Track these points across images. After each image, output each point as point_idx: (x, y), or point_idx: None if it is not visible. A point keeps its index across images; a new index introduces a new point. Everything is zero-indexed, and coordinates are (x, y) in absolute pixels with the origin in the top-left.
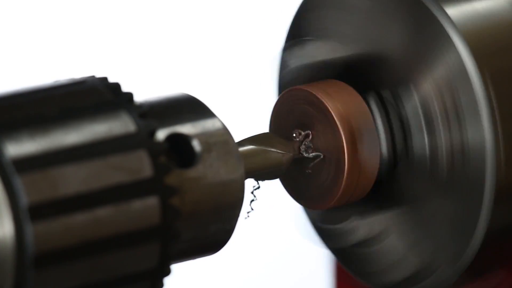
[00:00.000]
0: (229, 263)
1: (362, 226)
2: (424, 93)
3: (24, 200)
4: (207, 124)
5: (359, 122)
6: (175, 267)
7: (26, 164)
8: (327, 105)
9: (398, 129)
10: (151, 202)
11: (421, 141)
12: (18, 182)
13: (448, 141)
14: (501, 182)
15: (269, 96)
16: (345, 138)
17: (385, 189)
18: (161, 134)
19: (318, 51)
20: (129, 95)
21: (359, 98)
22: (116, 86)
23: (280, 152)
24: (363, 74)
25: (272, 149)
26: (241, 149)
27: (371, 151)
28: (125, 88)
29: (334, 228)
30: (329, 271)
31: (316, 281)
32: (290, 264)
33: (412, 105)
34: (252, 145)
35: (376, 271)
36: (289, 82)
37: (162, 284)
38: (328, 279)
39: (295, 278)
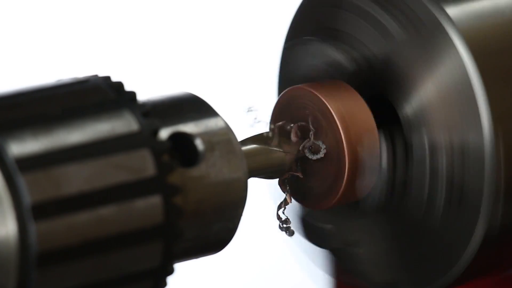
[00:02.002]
0: (229, 263)
1: (363, 225)
2: (424, 92)
3: (27, 199)
4: (210, 123)
5: (359, 123)
6: (178, 266)
7: (29, 163)
8: (328, 105)
9: (397, 127)
10: (154, 201)
11: (420, 140)
12: (21, 181)
13: (447, 139)
14: (500, 181)
15: (270, 95)
16: (345, 138)
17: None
18: (164, 133)
19: (319, 51)
20: (132, 94)
21: (359, 98)
22: (119, 85)
23: (283, 152)
24: (363, 74)
25: (275, 148)
26: (243, 148)
27: (371, 152)
28: (128, 87)
29: (335, 228)
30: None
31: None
32: (290, 264)
33: (411, 104)
34: (255, 144)
35: (376, 271)
36: (290, 81)
37: (165, 283)
38: (328, 279)
39: (295, 278)
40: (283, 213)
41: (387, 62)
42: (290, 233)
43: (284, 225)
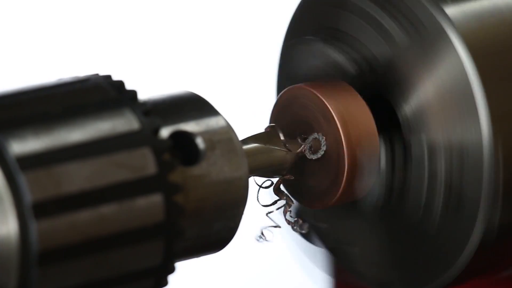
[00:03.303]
0: (228, 262)
1: (363, 225)
2: (422, 91)
3: (28, 197)
4: (211, 122)
5: (359, 123)
6: (178, 265)
7: (30, 161)
8: (328, 105)
9: (396, 127)
10: (155, 199)
11: (419, 139)
12: (22, 180)
13: (446, 138)
14: (499, 180)
15: (270, 94)
16: (344, 138)
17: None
18: (165, 132)
19: (319, 51)
20: (133, 93)
21: (359, 98)
22: (120, 84)
23: (284, 150)
24: (362, 74)
25: (276, 147)
26: (244, 147)
27: (371, 153)
28: (128, 86)
29: (334, 228)
30: (329, 271)
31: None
32: (290, 265)
33: (410, 103)
34: (256, 143)
35: (376, 270)
36: (290, 80)
37: (166, 282)
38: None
39: (294, 278)
40: (290, 216)
41: (387, 63)
42: (305, 229)
43: (297, 226)
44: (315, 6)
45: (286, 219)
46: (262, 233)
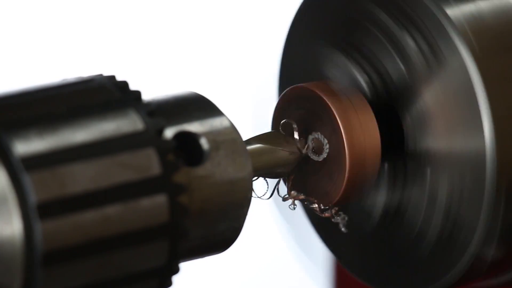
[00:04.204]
0: (229, 262)
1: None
2: (424, 93)
3: (33, 198)
4: (215, 123)
5: (360, 120)
6: (183, 266)
7: (35, 162)
8: (328, 102)
9: (397, 127)
10: (160, 200)
11: (421, 140)
12: (27, 180)
13: (448, 140)
14: (502, 182)
15: (271, 94)
16: (345, 135)
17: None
18: (169, 132)
19: (318, 51)
20: (137, 93)
21: (360, 96)
22: (124, 84)
23: (287, 151)
24: (362, 73)
25: (280, 148)
26: (248, 147)
27: (372, 148)
28: (133, 87)
29: (334, 228)
30: (329, 271)
31: (316, 281)
32: (290, 265)
33: (411, 104)
34: (260, 143)
35: (377, 271)
36: (291, 81)
37: (170, 282)
38: (328, 279)
39: (295, 279)
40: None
41: (387, 62)
42: (345, 222)
43: (338, 217)
44: (315, 8)
45: (322, 215)
46: (293, 202)
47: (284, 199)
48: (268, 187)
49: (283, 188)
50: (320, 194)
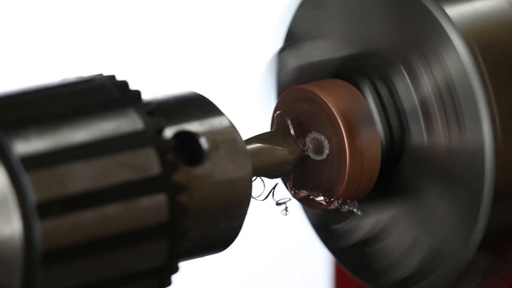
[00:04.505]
0: (229, 262)
1: (363, 225)
2: (423, 92)
3: (33, 197)
4: (215, 122)
5: (359, 118)
6: (183, 265)
7: (34, 161)
8: (327, 102)
9: (397, 126)
10: (159, 199)
11: (420, 138)
12: (27, 180)
13: (447, 139)
14: (500, 181)
15: (271, 94)
16: (345, 133)
17: (386, 187)
18: (169, 132)
19: (317, 51)
20: (137, 93)
21: (358, 94)
22: (124, 84)
23: (287, 150)
24: (362, 73)
25: (279, 147)
26: (248, 147)
27: (371, 146)
28: (132, 86)
29: (334, 229)
30: (329, 271)
31: (316, 281)
32: (290, 265)
33: (410, 103)
34: (259, 143)
35: (376, 271)
36: (289, 82)
37: (170, 282)
38: (328, 279)
39: (295, 279)
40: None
41: (386, 62)
42: (353, 206)
43: (353, 207)
44: (311, 7)
45: (329, 207)
46: (285, 208)
47: (278, 204)
48: (264, 188)
49: (279, 193)
50: (321, 192)
